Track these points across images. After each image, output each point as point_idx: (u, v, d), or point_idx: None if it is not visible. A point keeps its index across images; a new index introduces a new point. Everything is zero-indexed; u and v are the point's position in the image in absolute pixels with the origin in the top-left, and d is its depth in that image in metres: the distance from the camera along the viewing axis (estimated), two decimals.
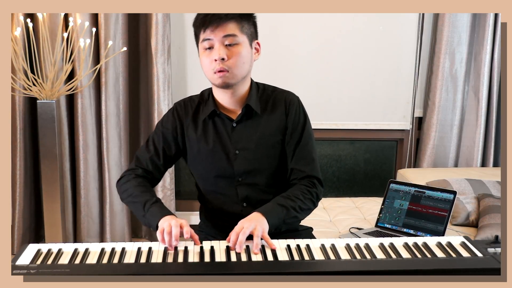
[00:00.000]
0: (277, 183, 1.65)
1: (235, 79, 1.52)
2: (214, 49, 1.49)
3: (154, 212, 1.48)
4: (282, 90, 1.67)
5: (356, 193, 3.45)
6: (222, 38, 1.48)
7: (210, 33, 1.48)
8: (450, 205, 2.08)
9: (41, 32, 2.63)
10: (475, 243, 1.37)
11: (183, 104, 1.66)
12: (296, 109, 1.63)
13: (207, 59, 1.51)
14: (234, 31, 1.49)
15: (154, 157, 1.64)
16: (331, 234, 2.32)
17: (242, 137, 1.61)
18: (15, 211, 2.94)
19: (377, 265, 1.26)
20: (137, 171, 1.64)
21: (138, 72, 3.08)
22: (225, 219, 1.62)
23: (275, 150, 1.62)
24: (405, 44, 3.22)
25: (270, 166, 1.63)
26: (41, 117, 2.66)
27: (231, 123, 1.61)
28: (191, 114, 1.64)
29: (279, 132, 1.62)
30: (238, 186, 1.62)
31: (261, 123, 1.61)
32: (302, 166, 1.61)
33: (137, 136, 3.16)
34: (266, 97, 1.64)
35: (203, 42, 1.50)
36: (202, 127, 1.62)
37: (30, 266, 1.23)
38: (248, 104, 1.59)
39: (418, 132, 3.36)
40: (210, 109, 1.61)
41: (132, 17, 2.97)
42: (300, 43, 3.17)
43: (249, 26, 1.54)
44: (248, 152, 1.60)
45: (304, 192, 1.58)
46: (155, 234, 3.24)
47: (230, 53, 1.49)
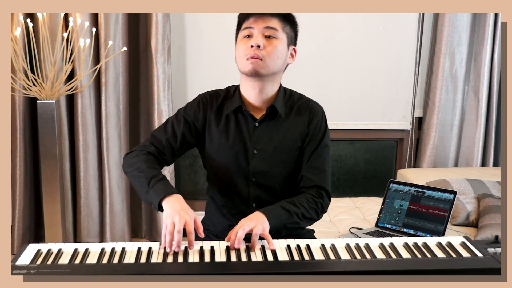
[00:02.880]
0: (289, 189, 1.65)
1: (266, 69, 1.54)
2: (253, 37, 1.53)
3: (158, 189, 1.43)
4: (308, 98, 1.69)
5: (356, 193, 3.45)
6: (263, 29, 1.53)
7: (252, 22, 1.53)
8: (450, 205, 2.08)
9: (41, 32, 2.63)
10: (475, 243, 1.37)
11: (209, 96, 1.66)
12: (319, 119, 1.65)
13: (243, 46, 1.54)
14: (276, 25, 1.54)
15: (171, 139, 1.62)
16: (331, 234, 2.32)
17: (263, 138, 1.61)
18: (15, 211, 2.94)
19: (377, 265, 1.26)
20: (149, 148, 1.61)
21: (138, 72, 3.08)
22: (233, 217, 1.62)
23: (292, 156, 1.63)
24: (405, 44, 3.22)
25: (285, 171, 1.63)
26: (41, 117, 2.66)
27: (254, 122, 1.61)
28: (216, 108, 1.64)
29: (299, 139, 1.63)
30: (251, 185, 1.62)
31: (283, 126, 1.62)
32: (313, 175, 1.61)
33: (137, 136, 3.16)
34: (292, 103, 1.65)
35: (244, 30, 1.54)
36: (224, 122, 1.62)
37: (30, 266, 1.22)
38: (273, 105, 1.59)
39: (418, 132, 3.36)
40: (235, 104, 1.61)
41: (132, 17, 2.97)
42: (300, 43, 3.13)
43: (291, 30, 1.60)
44: (266, 153, 1.61)
45: (309, 201, 1.57)
46: (155, 234, 3.25)
47: (267, 43, 1.53)
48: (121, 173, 3.03)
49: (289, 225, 1.52)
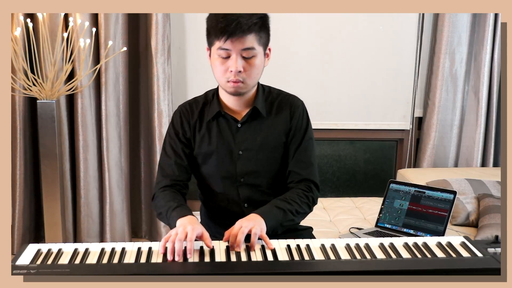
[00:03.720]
0: (278, 185, 1.66)
1: (247, 88, 1.55)
2: (230, 59, 1.49)
3: (174, 216, 1.48)
4: (288, 93, 1.69)
5: (356, 193, 3.45)
6: (241, 51, 1.48)
7: (229, 44, 1.47)
8: (450, 205, 2.08)
9: (41, 32, 2.63)
10: (475, 243, 1.37)
11: (188, 105, 1.67)
12: (300, 113, 1.65)
13: (221, 67, 1.51)
14: (253, 43, 1.49)
15: (178, 160, 1.64)
16: (331, 234, 2.32)
17: (246, 138, 1.62)
18: (15, 211, 2.94)
19: (377, 265, 1.26)
20: (162, 182, 1.63)
21: (138, 72, 3.08)
22: (227, 219, 1.62)
23: (278, 153, 1.64)
24: (405, 44, 3.22)
25: (272, 168, 1.64)
26: (41, 117, 2.66)
27: (236, 123, 1.62)
28: (197, 114, 1.64)
29: (283, 135, 1.63)
30: (240, 186, 1.63)
31: (266, 125, 1.63)
32: (300, 170, 1.63)
33: (137, 136, 3.15)
34: (272, 100, 1.65)
35: (219, 50, 1.49)
36: (206, 128, 1.63)
37: (30, 266, 1.23)
38: (255, 107, 1.60)
39: (418, 132, 3.36)
40: (215, 110, 1.61)
41: (132, 17, 2.97)
42: (300, 43, 3.17)
43: (265, 35, 1.54)
44: (251, 153, 1.62)
45: (300, 196, 1.59)
46: (155, 234, 3.25)
47: (246, 65, 1.50)
48: (121, 173, 3.03)
49: (285, 223, 1.53)
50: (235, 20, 1.44)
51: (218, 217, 1.70)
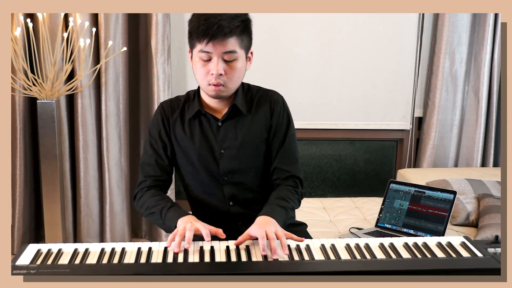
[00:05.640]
0: (262, 182, 1.67)
1: (229, 92, 1.55)
2: (211, 62, 1.48)
3: (171, 216, 1.49)
4: (267, 89, 1.68)
5: (356, 193, 3.45)
6: (222, 54, 1.47)
7: (210, 47, 1.46)
8: (450, 205, 2.08)
9: (41, 32, 2.63)
10: (475, 243, 1.37)
11: (169, 103, 1.67)
12: (281, 109, 1.64)
13: (202, 69, 1.50)
14: (234, 47, 1.48)
15: (158, 159, 1.65)
16: (331, 234, 2.32)
17: (228, 136, 1.61)
18: (15, 211, 2.94)
19: (377, 265, 1.26)
20: (146, 183, 1.65)
21: (138, 72, 3.08)
22: (213, 217, 1.63)
23: (260, 149, 1.64)
24: (405, 44, 3.22)
25: (255, 165, 1.64)
26: (41, 117, 2.66)
27: (216, 122, 1.62)
28: (178, 113, 1.64)
29: (264, 131, 1.63)
30: (224, 185, 1.63)
31: (246, 122, 1.62)
32: (286, 166, 1.63)
33: (137, 136, 3.16)
34: (251, 97, 1.65)
35: (200, 52, 1.48)
36: (188, 127, 1.63)
37: (30, 266, 1.23)
38: (235, 104, 1.60)
39: (418, 132, 3.36)
40: (195, 109, 1.61)
41: (132, 17, 2.97)
42: (300, 43, 3.17)
43: (247, 38, 1.54)
44: (233, 151, 1.61)
45: (292, 192, 1.60)
46: (155, 234, 3.25)
47: (227, 68, 1.50)
48: (121, 173, 3.03)
49: (287, 221, 1.54)
50: (217, 23, 1.43)
51: (204, 216, 1.68)
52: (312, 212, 2.65)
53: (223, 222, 1.59)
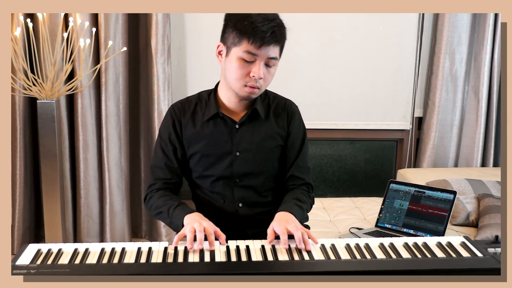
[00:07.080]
0: (272, 186, 1.69)
1: (257, 95, 1.57)
2: (254, 64, 1.48)
3: (177, 214, 1.50)
4: (283, 97, 1.72)
5: (356, 193, 3.45)
6: (266, 59, 1.49)
7: (258, 50, 1.46)
8: (450, 205, 2.08)
9: (41, 32, 2.63)
10: (475, 243, 1.38)
11: (180, 104, 1.67)
12: (298, 119, 1.70)
13: (241, 70, 1.49)
14: (277, 54, 1.52)
15: (167, 162, 1.65)
16: (331, 234, 2.32)
17: (244, 139, 1.62)
18: (15, 211, 2.94)
19: (377, 265, 1.26)
20: (156, 185, 1.66)
21: (138, 72, 3.08)
22: (221, 218, 1.63)
23: (274, 155, 1.66)
24: (405, 44, 3.22)
25: (267, 170, 1.66)
26: (41, 117, 2.66)
27: (234, 124, 1.62)
28: (190, 114, 1.64)
29: (279, 138, 1.66)
30: (235, 187, 1.64)
31: (263, 126, 1.64)
32: (301, 174, 1.69)
33: (137, 136, 3.16)
34: (268, 102, 1.68)
35: (245, 53, 1.47)
36: (202, 128, 1.62)
37: (30, 266, 1.22)
38: (255, 108, 1.61)
39: (418, 132, 3.36)
40: (212, 111, 1.61)
41: (132, 17, 2.97)
42: (300, 43, 3.17)
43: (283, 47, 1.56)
44: (248, 154, 1.62)
45: (306, 196, 1.66)
46: (155, 234, 3.25)
47: (266, 73, 1.52)
48: (121, 173, 3.03)
49: (303, 221, 1.58)
50: (271, 28, 1.45)
51: (212, 216, 1.69)
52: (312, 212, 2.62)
53: (230, 223, 1.60)
